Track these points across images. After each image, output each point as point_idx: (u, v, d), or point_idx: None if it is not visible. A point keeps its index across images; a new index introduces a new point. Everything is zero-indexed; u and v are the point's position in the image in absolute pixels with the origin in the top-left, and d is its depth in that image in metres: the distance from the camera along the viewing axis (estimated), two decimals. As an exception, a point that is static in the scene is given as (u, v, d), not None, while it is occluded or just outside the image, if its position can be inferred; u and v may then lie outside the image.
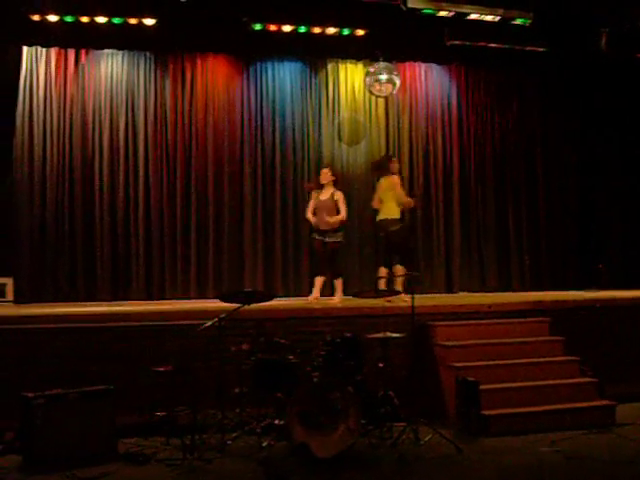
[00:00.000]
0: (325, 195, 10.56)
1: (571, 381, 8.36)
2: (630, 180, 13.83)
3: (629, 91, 13.43)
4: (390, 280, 10.44)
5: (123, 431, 7.26)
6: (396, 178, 10.88)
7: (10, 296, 11.49)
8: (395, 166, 11.07)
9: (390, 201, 10.65)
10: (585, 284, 12.82)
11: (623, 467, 6.44)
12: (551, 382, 8.26)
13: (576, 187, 14.01)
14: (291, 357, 7.41)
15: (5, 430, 7.24)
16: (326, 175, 10.70)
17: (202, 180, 12.51)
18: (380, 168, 11.17)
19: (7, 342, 7.94)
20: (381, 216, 10.74)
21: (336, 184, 10.72)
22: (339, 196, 10.53)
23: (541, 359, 8.58)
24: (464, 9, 11.65)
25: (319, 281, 10.55)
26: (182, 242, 12.36)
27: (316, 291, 10.50)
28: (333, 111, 13.23)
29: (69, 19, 11.23)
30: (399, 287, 10.04)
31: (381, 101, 13.24)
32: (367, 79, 12.51)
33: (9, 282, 11.55)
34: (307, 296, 10.85)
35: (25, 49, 11.97)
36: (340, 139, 13.16)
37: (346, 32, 12.15)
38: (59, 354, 7.96)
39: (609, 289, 11.97)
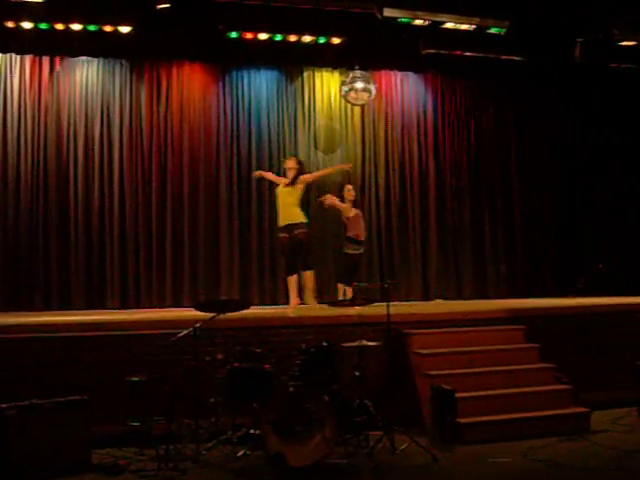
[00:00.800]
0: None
1: (546, 388, 8.36)
2: (609, 186, 13.90)
3: (604, 98, 13.51)
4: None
5: (97, 441, 7.18)
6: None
7: (-17, 305, 11.40)
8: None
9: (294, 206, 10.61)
10: (561, 292, 12.89)
11: (597, 474, 6.46)
12: (526, 389, 8.26)
13: (551, 194, 14.08)
14: (266, 366, 7.37)
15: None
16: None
17: (177, 188, 12.49)
18: None
19: (-20, 352, 7.87)
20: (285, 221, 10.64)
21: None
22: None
23: (516, 367, 8.58)
24: (440, 18, 11.72)
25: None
26: (157, 250, 12.32)
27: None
28: (309, 119, 13.26)
29: (44, 26, 11.18)
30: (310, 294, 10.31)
31: (357, 109, 13.29)
32: (343, 87, 12.54)
33: (-18, 292, 11.46)
34: (283, 304, 10.84)
35: (-1, 56, 11.92)
36: (316, 147, 13.19)
37: (322, 40, 12.19)
38: (33, 364, 7.88)
39: (585, 296, 12.04)
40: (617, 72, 12.90)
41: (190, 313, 8.46)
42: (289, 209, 10.49)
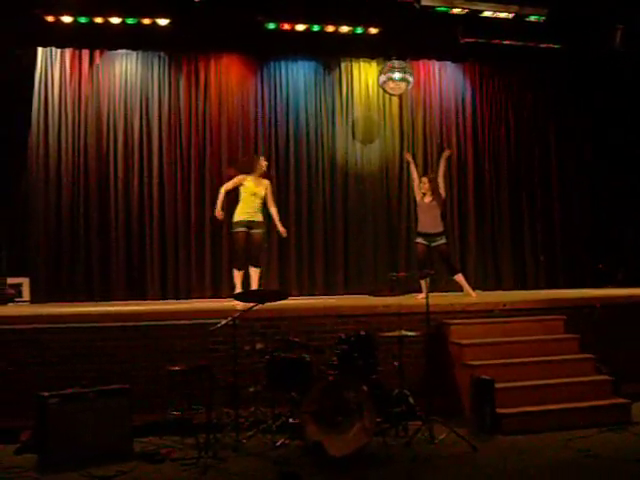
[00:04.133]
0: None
1: (586, 379, 8.31)
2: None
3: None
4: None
5: (138, 430, 7.28)
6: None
7: (27, 296, 11.56)
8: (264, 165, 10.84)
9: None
10: (600, 282, 12.77)
11: (638, 466, 6.41)
12: (566, 380, 8.22)
13: (591, 184, 13.92)
14: (305, 356, 7.41)
15: (21, 429, 7.29)
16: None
17: (216, 179, 12.49)
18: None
19: (23, 341, 8.00)
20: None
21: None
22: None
23: (556, 357, 8.54)
24: (478, 6, 11.62)
25: None
26: (197, 242, 12.38)
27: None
28: (347, 110, 13.22)
29: (83, 20, 11.26)
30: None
31: (395, 99, 13.23)
32: (381, 77, 12.53)
33: (25, 282, 11.61)
34: (319, 295, 10.87)
35: (40, 50, 12.03)
36: (354, 137, 13.15)
37: (359, 30, 12.13)
38: (75, 354, 8.02)
39: (626, 287, 11.91)
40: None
41: (229, 303, 8.52)
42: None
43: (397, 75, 12.33)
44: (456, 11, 11.59)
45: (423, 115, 13.47)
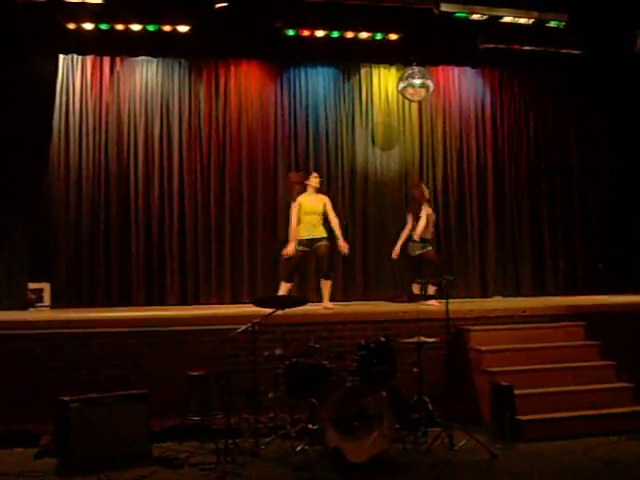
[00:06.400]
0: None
1: (607, 386, 8.27)
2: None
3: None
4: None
5: (157, 435, 7.31)
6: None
7: (47, 301, 11.62)
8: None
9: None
10: (621, 288, 12.69)
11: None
12: (587, 387, 8.19)
13: (611, 189, 13.85)
14: (325, 361, 7.41)
15: (41, 434, 7.34)
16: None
17: (236, 186, 12.57)
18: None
19: (44, 346, 8.05)
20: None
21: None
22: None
23: (576, 364, 8.50)
24: (497, 12, 11.59)
25: None
26: (216, 247, 12.41)
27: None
28: (367, 116, 13.23)
29: (104, 27, 11.31)
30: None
31: (415, 105, 13.22)
32: (400, 83, 12.52)
33: (46, 287, 11.67)
34: (338, 301, 10.90)
35: (61, 57, 12.10)
36: (374, 144, 13.15)
37: (379, 37, 12.13)
38: (94, 358, 8.07)
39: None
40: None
41: (249, 309, 8.53)
42: None
43: (417, 81, 12.32)
44: (476, 17, 11.56)
45: (443, 121, 13.45)
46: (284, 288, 10.43)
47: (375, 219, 12.96)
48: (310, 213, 10.37)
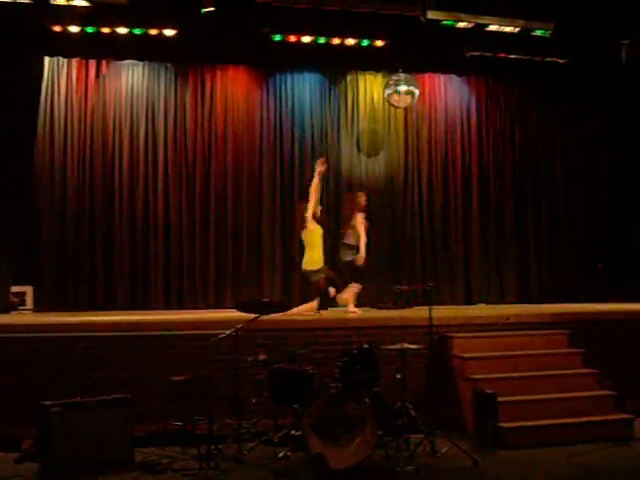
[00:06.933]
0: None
1: (589, 394, 8.29)
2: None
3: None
4: None
5: (140, 440, 7.27)
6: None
7: (30, 304, 11.55)
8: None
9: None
10: (605, 296, 12.74)
11: (641, 481, 6.40)
12: (569, 395, 8.20)
13: (596, 198, 13.91)
14: (308, 367, 7.40)
15: (23, 438, 7.29)
16: None
17: (221, 191, 12.56)
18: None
19: (26, 350, 7.99)
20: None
21: None
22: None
23: (560, 371, 8.52)
24: (484, 20, 11.67)
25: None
26: (201, 252, 12.40)
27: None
28: (352, 122, 13.26)
29: (90, 30, 11.31)
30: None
31: (400, 112, 13.25)
32: (386, 90, 12.55)
33: (29, 291, 11.61)
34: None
35: (47, 59, 12.08)
36: (359, 150, 13.18)
37: (365, 43, 12.19)
38: (77, 362, 8.01)
39: (630, 301, 11.89)
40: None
41: (233, 314, 8.51)
42: None
43: (402, 88, 12.36)
44: (462, 25, 11.64)
45: (428, 128, 13.50)
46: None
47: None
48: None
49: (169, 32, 11.45)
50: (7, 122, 11.24)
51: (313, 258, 10.04)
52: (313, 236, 10.03)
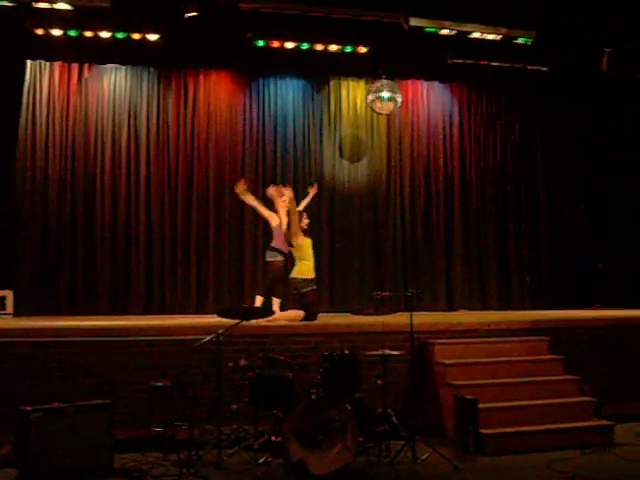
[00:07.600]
0: None
1: (570, 400, 8.31)
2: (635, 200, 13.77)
3: (631, 108, 13.39)
4: None
5: (119, 446, 7.22)
6: None
7: (10, 309, 11.48)
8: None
9: None
10: (586, 303, 12.80)
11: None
12: (550, 401, 8.21)
13: (577, 205, 13.98)
14: (289, 373, 7.38)
15: (1, 444, 7.22)
16: None
17: (203, 195, 12.54)
18: None
19: (5, 355, 7.92)
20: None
21: None
22: None
23: (540, 378, 8.53)
24: (466, 28, 11.72)
25: None
26: (182, 257, 12.38)
27: None
28: (335, 128, 13.28)
29: (73, 33, 11.29)
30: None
31: (383, 118, 13.28)
32: (369, 96, 12.57)
33: (9, 295, 11.53)
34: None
35: (29, 63, 12.06)
36: (341, 155, 13.21)
37: (349, 49, 12.22)
38: (58, 367, 7.95)
39: (612, 308, 11.95)
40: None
41: (214, 320, 8.48)
42: None
43: (385, 94, 12.37)
44: (445, 32, 11.68)
45: (410, 134, 13.54)
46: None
47: (341, 231, 12.98)
48: None
49: (152, 36, 11.45)
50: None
51: (304, 269, 9.94)
52: (302, 250, 9.94)
